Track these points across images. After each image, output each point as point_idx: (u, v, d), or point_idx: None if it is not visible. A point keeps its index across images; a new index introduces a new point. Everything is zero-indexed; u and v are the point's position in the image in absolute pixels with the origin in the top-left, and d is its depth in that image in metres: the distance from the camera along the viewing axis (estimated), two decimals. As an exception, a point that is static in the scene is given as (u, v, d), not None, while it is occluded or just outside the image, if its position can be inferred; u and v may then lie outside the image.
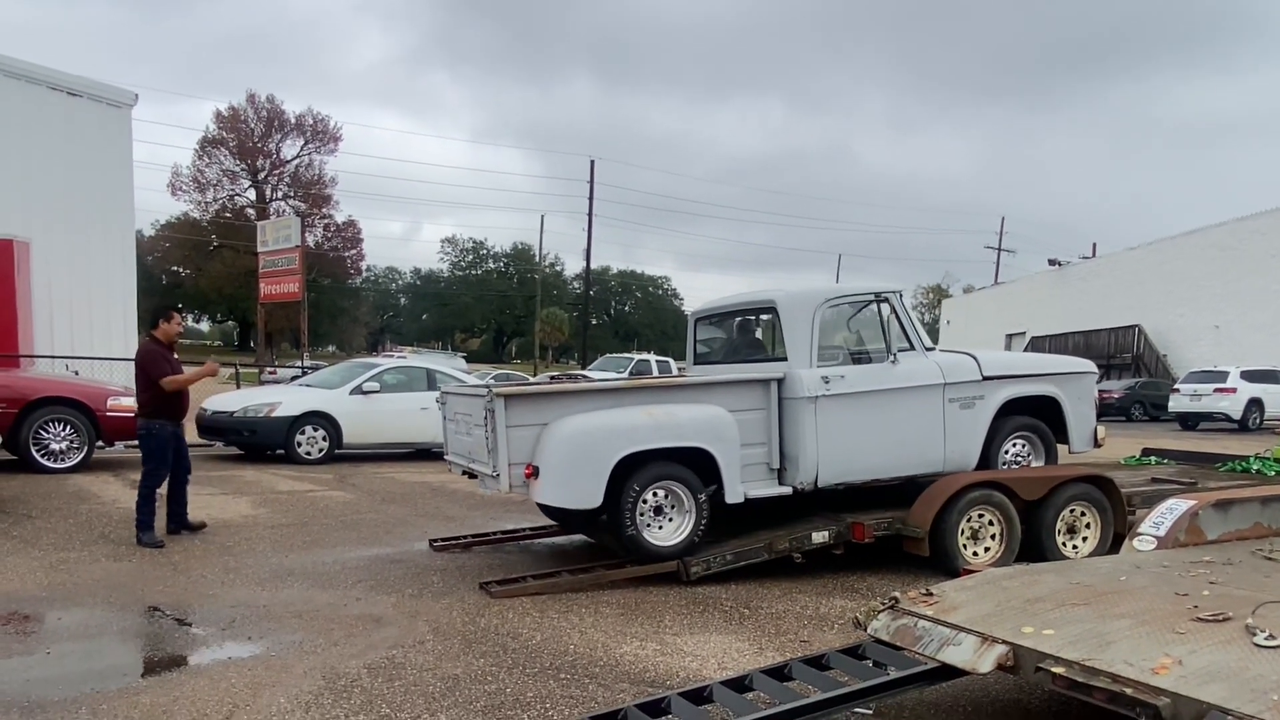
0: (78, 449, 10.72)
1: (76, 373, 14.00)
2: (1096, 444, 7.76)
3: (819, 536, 6.63)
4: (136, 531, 7.26)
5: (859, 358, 7.02)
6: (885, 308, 6.93)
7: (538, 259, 69.84)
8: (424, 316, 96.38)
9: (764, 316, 7.55)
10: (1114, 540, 7.05)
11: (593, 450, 6.05)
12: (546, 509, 7.24)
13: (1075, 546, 7.06)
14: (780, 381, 6.71)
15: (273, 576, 6.41)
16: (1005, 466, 7.38)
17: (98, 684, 4.29)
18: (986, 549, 6.82)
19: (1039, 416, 7.56)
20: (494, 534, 7.91)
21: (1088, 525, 7.11)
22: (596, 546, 7.62)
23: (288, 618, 5.44)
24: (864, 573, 6.81)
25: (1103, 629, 3.68)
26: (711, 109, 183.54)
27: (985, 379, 7.22)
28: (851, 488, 6.98)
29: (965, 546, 6.74)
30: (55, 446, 10.61)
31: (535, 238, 58.68)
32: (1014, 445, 7.49)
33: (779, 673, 3.95)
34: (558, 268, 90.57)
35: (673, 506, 6.39)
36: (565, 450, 6.02)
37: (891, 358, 6.90)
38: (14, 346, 13.15)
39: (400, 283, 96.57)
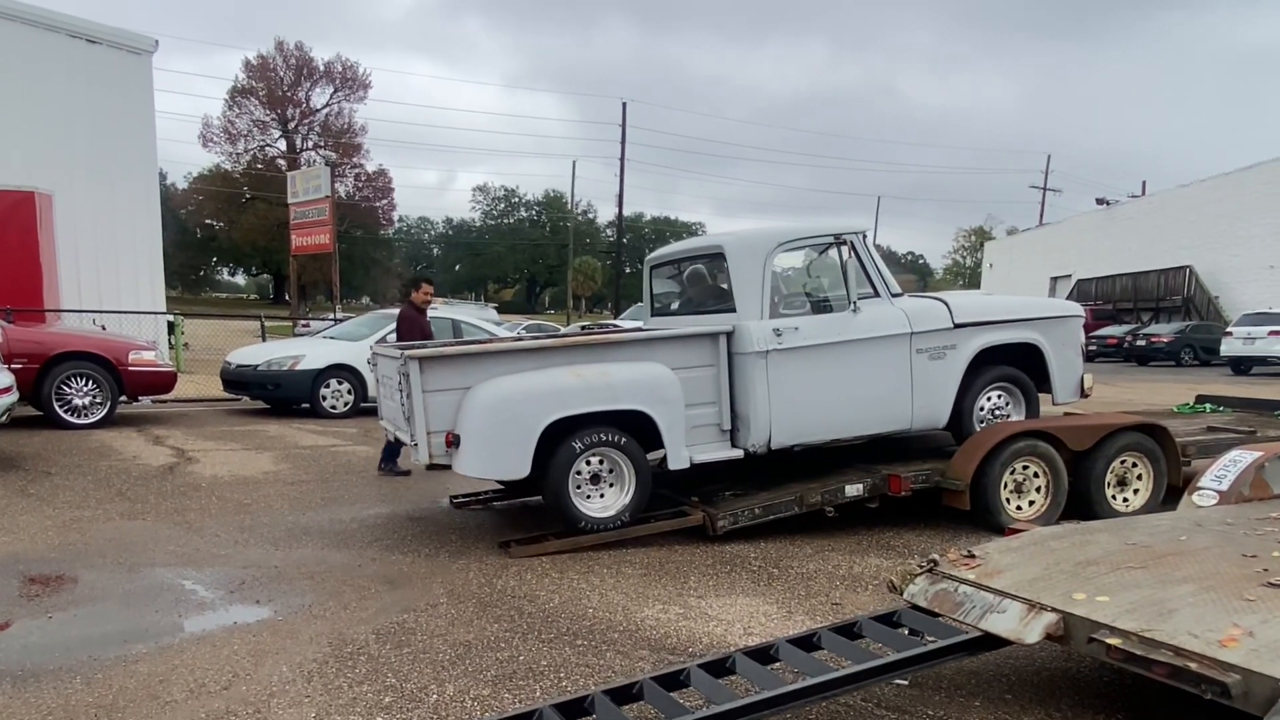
0: (101, 404, 10.65)
1: (104, 327, 13.97)
2: (1084, 394, 7.16)
3: (853, 489, 6.33)
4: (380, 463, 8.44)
5: (819, 306, 6.43)
6: (846, 250, 6.33)
7: (570, 207, 69.31)
8: (457, 267, 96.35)
9: (715, 264, 6.80)
10: (1167, 493, 6.69)
11: (516, 416, 5.60)
12: None
13: (1126, 500, 6.69)
14: (730, 335, 6.21)
15: (288, 535, 6.24)
16: (981, 421, 6.81)
17: (96, 651, 4.12)
18: (1031, 502, 6.48)
19: (1020, 365, 6.93)
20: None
21: (1139, 477, 6.73)
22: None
23: (299, 579, 5.26)
24: (900, 529, 6.51)
25: (1163, 595, 3.36)
26: (751, 50, 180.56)
27: (957, 326, 6.60)
28: (811, 448, 6.48)
29: (1008, 500, 6.41)
30: (78, 402, 10.55)
31: (568, 185, 58.11)
32: (991, 397, 6.87)
33: (807, 642, 3.66)
34: (590, 215, 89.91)
35: (611, 473, 5.97)
36: (486, 417, 5.59)
37: (852, 306, 6.34)
38: (39, 301, 13.09)
39: (433, 233, 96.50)
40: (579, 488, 5.89)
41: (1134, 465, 6.70)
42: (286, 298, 54.01)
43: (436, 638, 4.33)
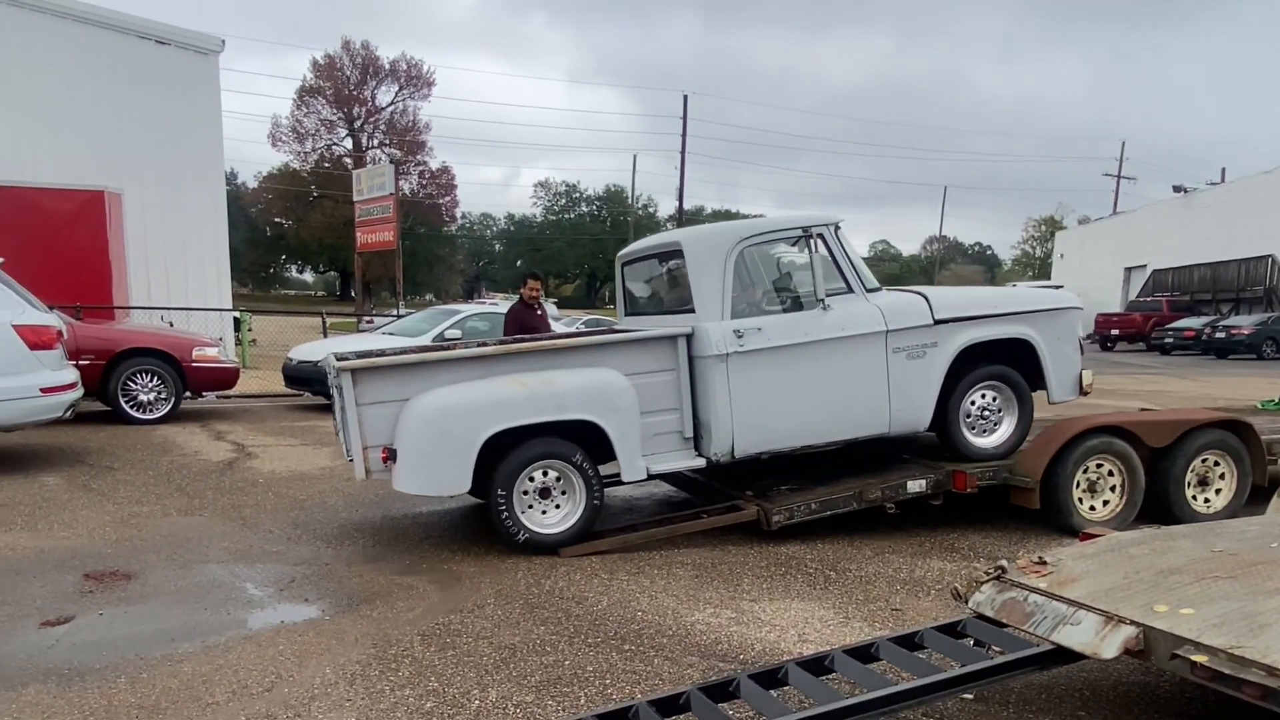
0: (165, 400, 10.81)
1: (171, 324, 14.23)
2: (1082, 391, 6.66)
3: (915, 486, 6.10)
4: None
5: (789, 305, 6.03)
6: (816, 245, 5.98)
7: (630, 201, 69.22)
8: (518, 262, 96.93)
9: (679, 261, 6.33)
10: (1251, 493, 6.33)
11: (453, 429, 5.31)
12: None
13: (1207, 500, 6.35)
14: (689, 338, 5.88)
15: (340, 532, 6.21)
16: (969, 421, 6.34)
17: (143, 649, 4.11)
18: (1105, 502, 6.18)
19: (1011, 362, 6.42)
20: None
21: (1221, 476, 6.38)
22: (675, 498, 7.23)
23: (349, 577, 5.21)
24: (965, 529, 6.26)
25: (1254, 609, 3.11)
26: (814, 41, 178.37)
27: (938, 322, 6.13)
28: (779, 456, 6.16)
29: (1080, 500, 6.12)
30: (143, 398, 10.73)
31: (628, 179, 58.06)
32: (980, 396, 6.33)
33: (864, 652, 3.47)
34: (650, 209, 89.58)
35: (562, 488, 5.66)
36: (421, 431, 5.30)
37: (821, 304, 5.96)
38: (107, 298, 13.38)
39: (494, 229, 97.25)
40: (530, 506, 5.60)
41: (1216, 464, 6.35)
42: (352, 294, 54.85)
43: (482, 640, 4.23)
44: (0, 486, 7.29)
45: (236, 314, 18.33)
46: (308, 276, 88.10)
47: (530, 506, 5.61)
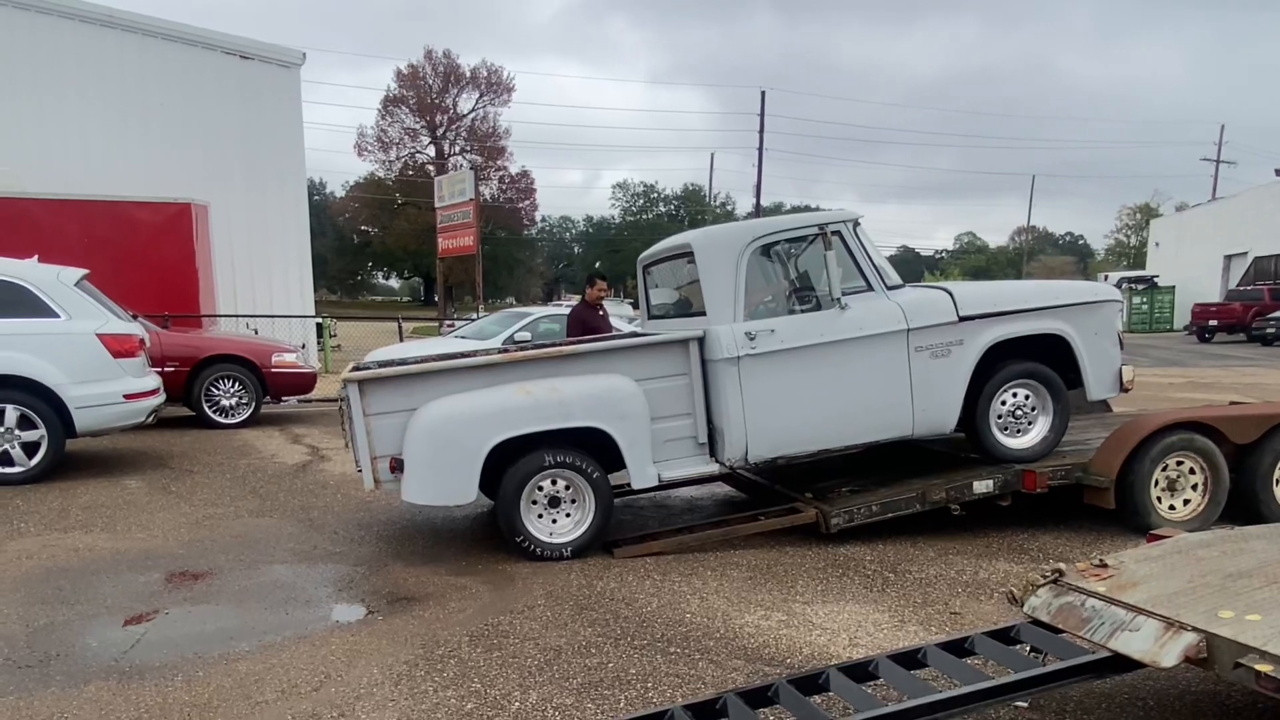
0: (246, 405, 11.17)
1: (256, 331, 14.70)
2: (1123, 388, 6.27)
3: (981, 486, 5.89)
4: None
5: (805, 305, 5.85)
6: (833, 243, 5.75)
7: (708, 199, 68.92)
8: (596, 264, 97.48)
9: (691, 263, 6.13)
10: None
11: (457, 438, 5.26)
12: None
13: (1299, 498, 5.98)
14: (701, 341, 5.74)
15: (401, 533, 6.31)
16: (1001, 421, 6.04)
17: (202, 648, 4.22)
18: (1185, 501, 5.89)
19: (1046, 359, 6.11)
20: (627, 485, 7.54)
21: (1315, 473, 6.01)
22: (735, 499, 7.15)
23: (406, 578, 5.28)
24: (1035, 530, 6.03)
25: (1328, 616, 2.90)
26: (898, 33, 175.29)
27: (963, 319, 5.88)
28: (797, 460, 5.95)
29: (1159, 499, 5.84)
30: (225, 402, 11.10)
31: (706, 178, 57.81)
32: (1012, 395, 6.05)
33: (910, 658, 3.35)
34: (729, 207, 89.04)
35: (572, 496, 5.58)
36: (427, 440, 5.28)
37: (838, 303, 5.74)
38: (194, 307, 13.86)
39: (573, 231, 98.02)
40: (540, 515, 5.55)
41: (1309, 460, 5.99)
42: (435, 299, 55.91)
43: (528, 641, 4.23)
44: (86, 489, 7.62)
45: (319, 320, 18.81)
46: (393, 282, 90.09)
47: (540, 516, 5.57)
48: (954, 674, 3.21)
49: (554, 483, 5.55)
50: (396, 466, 5.38)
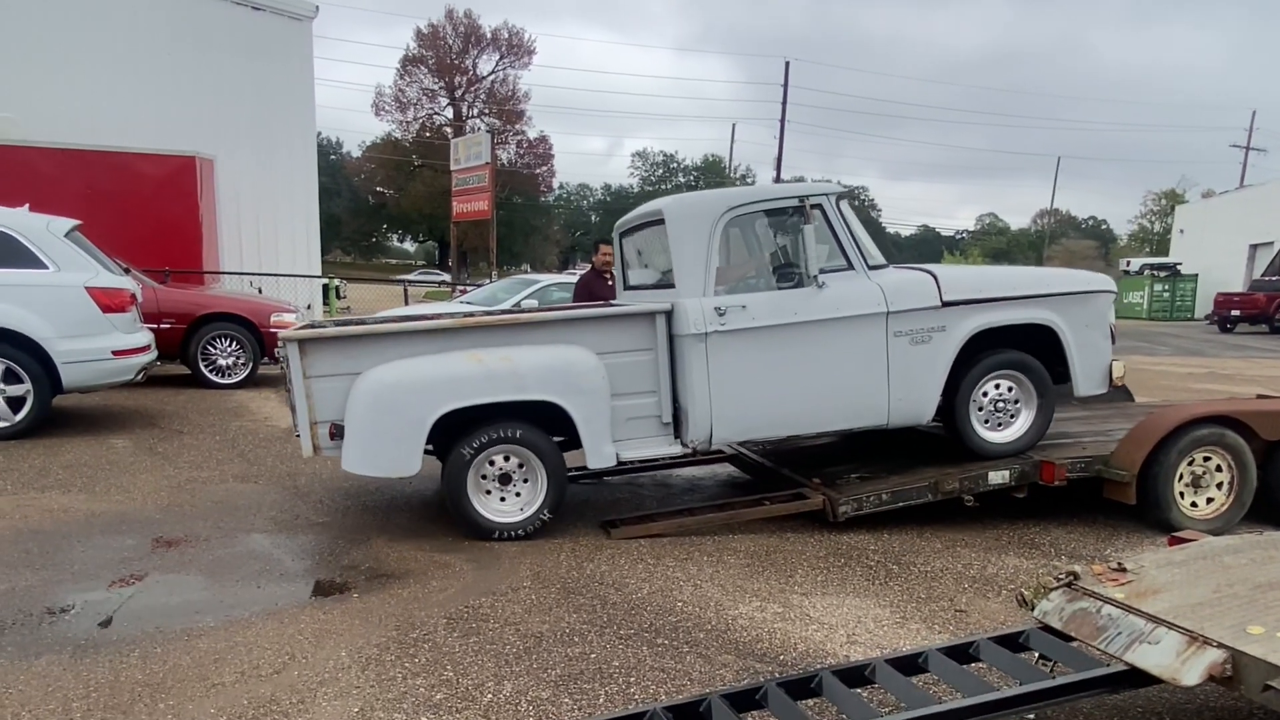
0: (243, 365, 10.95)
1: (260, 290, 14.46)
2: (1111, 384, 5.98)
3: (997, 476, 5.62)
4: None
5: (780, 282, 5.51)
6: (812, 217, 5.41)
7: (728, 171, 68.22)
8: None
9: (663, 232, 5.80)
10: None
11: (401, 407, 4.98)
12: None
13: (1330, 500, 5.69)
14: (669, 315, 5.45)
15: (390, 504, 6.09)
16: (982, 412, 5.75)
17: (164, 622, 4.01)
18: (1209, 499, 5.60)
19: (1031, 349, 5.80)
20: (631, 461, 7.30)
21: (1348, 474, 5.71)
22: (739, 479, 6.90)
23: (389, 552, 5.06)
24: (1048, 523, 5.76)
25: (1372, 636, 2.63)
26: (930, 7, 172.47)
27: (946, 304, 5.56)
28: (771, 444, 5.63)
29: (1182, 495, 5.55)
30: (222, 362, 10.88)
31: (727, 149, 57.21)
32: (993, 387, 5.75)
33: (911, 663, 3.10)
34: (749, 179, 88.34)
35: (524, 475, 5.31)
36: (369, 407, 4.99)
37: (814, 281, 5.43)
38: (197, 263, 13.65)
39: (591, 199, 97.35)
40: (487, 491, 5.27)
41: (1341, 460, 5.69)
42: (449, 264, 55.60)
43: (509, 627, 4.00)
44: (70, 447, 7.42)
45: (325, 281, 18.59)
46: (408, 245, 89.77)
47: (488, 493, 5.29)
48: (956, 683, 2.96)
49: (506, 459, 5.28)
50: (337, 433, 5.10)
